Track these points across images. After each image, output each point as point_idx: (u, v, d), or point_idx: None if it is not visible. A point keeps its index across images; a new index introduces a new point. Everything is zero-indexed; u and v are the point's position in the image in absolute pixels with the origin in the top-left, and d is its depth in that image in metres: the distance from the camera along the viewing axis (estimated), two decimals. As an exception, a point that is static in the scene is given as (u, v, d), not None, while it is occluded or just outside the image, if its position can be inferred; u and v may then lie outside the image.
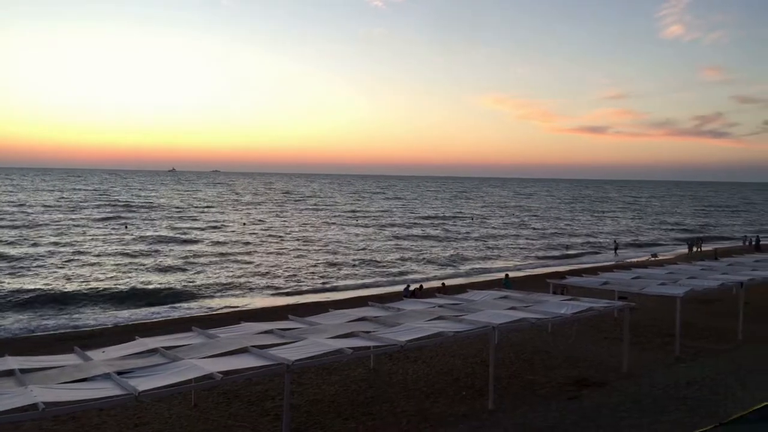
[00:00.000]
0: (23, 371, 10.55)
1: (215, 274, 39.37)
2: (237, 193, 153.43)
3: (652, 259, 47.30)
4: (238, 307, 30.49)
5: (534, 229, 77.04)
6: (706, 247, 54.67)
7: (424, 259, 48.74)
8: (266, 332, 13.69)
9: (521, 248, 57.59)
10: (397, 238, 62.73)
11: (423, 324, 14.19)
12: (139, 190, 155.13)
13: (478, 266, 46.16)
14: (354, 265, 44.16)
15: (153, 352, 11.93)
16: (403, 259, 47.98)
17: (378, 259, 47.50)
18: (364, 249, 53.35)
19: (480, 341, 19.12)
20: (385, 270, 42.90)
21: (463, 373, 16.51)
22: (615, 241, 58.20)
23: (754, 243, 54.09)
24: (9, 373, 10.45)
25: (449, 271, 43.49)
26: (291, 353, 11.34)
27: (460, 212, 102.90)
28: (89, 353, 11.94)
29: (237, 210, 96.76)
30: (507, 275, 32.62)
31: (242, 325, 14.82)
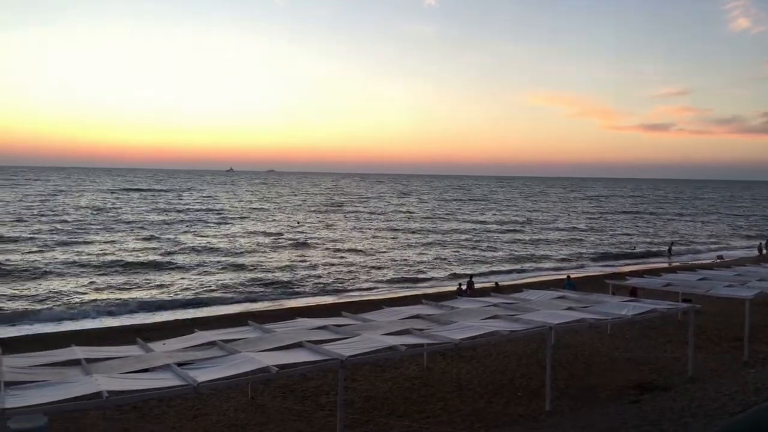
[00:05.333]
0: (89, 361, 10.93)
1: (271, 271, 40.02)
2: (294, 193, 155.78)
3: (718, 261, 45.35)
4: (293, 303, 30.89)
5: (593, 229, 75.13)
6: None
7: (477, 258, 48.25)
8: (321, 328, 13.78)
9: (579, 248, 56.29)
10: (449, 237, 62.36)
11: (477, 323, 14.01)
12: (199, 189, 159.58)
13: (534, 266, 45.36)
14: (408, 264, 44.11)
15: (211, 344, 12.18)
16: (457, 258, 47.63)
17: (432, 259, 47.31)
18: (417, 249, 53.25)
19: (535, 341, 18.75)
20: (438, 268, 42.69)
21: (518, 374, 16.21)
22: (670, 243, 56.21)
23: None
24: (75, 363, 10.86)
25: (504, 269, 42.90)
26: (345, 349, 11.37)
27: (517, 213, 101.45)
28: (151, 345, 12.31)
29: (293, 209, 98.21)
30: (569, 276, 31.68)
31: (297, 321, 14.99)
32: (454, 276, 39.26)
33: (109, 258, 42.56)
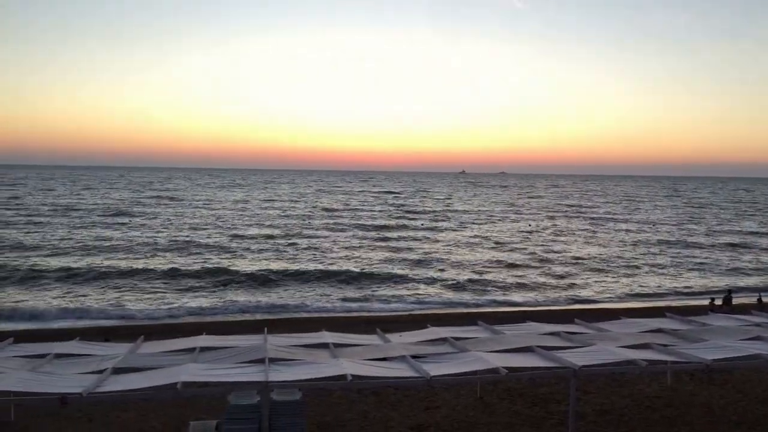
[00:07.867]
0: (336, 345, 12.09)
1: (501, 273, 40.01)
2: (527, 195, 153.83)
3: None
4: (523, 306, 30.51)
5: None
6: None
7: (736, 269, 42.63)
8: (552, 334, 13.44)
9: None
10: (700, 247, 56.08)
11: (734, 343, 12.42)
12: (435, 191, 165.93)
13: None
14: (650, 273, 40.74)
15: (443, 341, 12.63)
16: (710, 269, 42.65)
17: (679, 268, 43.04)
18: (661, 257, 48.88)
19: (811, 371, 16.05)
20: (686, 279, 38.67)
21: (787, 406, 13.98)
22: None
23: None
24: (324, 346, 12.09)
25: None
26: (578, 358, 10.93)
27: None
28: (388, 336, 13.20)
29: (527, 212, 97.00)
30: None
31: (527, 325, 14.80)
32: (706, 289, 35.25)
33: (352, 262, 46.21)
